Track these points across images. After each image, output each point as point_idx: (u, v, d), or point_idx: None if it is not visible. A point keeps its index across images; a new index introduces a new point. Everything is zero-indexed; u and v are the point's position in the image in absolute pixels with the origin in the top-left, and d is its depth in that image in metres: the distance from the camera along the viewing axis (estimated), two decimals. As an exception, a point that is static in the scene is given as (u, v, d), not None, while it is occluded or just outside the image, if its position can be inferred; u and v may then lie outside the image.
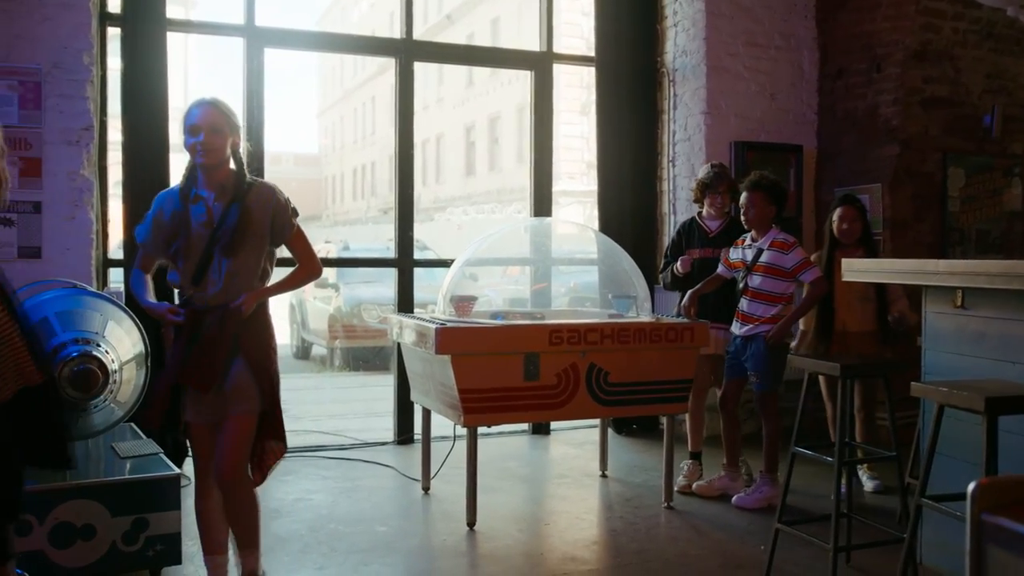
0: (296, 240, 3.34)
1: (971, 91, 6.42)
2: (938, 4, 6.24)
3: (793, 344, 5.12)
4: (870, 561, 3.93)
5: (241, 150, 3.31)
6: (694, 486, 5.09)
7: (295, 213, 3.35)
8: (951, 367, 3.65)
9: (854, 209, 5.03)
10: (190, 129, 3.17)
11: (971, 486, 1.58)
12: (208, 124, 3.16)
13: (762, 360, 4.78)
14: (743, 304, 4.87)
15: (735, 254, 4.98)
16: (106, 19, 5.37)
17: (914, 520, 3.10)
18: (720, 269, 5.02)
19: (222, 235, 3.15)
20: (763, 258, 4.80)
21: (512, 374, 4.42)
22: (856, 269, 4.12)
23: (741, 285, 4.88)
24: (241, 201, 3.19)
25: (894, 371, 3.82)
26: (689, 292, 4.94)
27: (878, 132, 6.34)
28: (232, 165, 3.28)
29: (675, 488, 4.97)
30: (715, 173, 5.30)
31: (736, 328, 4.91)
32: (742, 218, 4.88)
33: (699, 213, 5.44)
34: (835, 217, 5.05)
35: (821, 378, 5.15)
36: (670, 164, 6.72)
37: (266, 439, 3.26)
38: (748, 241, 4.93)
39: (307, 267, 3.40)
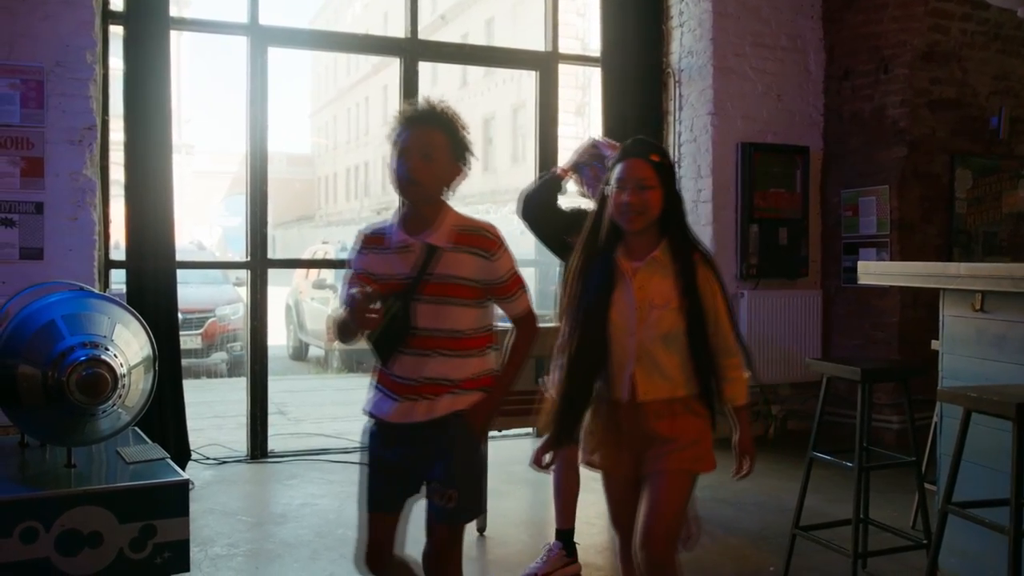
0: None
1: (978, 93, 6.39)
2: (946, 5, 6.22)
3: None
4: (884, 567, 3.89)
5: None
6: None
7: None
8: (970, 372, 3.61)
9: (648, 165, 2.54)
10: None
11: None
12: None
13: (464, 463, 2.57)
14: (401, 366, 2.56)
15: (364, 260, 2.61)
16: (108, 17, 5.30)
17: (940, 526, 3.05)
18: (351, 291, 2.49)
19: None
20: (441, 267, 2.51)
21: (524, 377, 4.35)
22: (872, 272, 4.08)
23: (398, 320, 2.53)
24: None
25: (914, 376, 3.78)
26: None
27: (885, 133, 6.30)
28: None
29: None
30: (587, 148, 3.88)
31: (392, 410, 2.57)
32: (396, 180, 2.55)
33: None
34: (613, 182, 2.58)
35: None
36: (676, 165, 6.66)
37: None
38: (397, 236, 2.58)
39: None
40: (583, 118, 24.12)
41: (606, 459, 2.64)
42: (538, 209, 3.92)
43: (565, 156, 4.51)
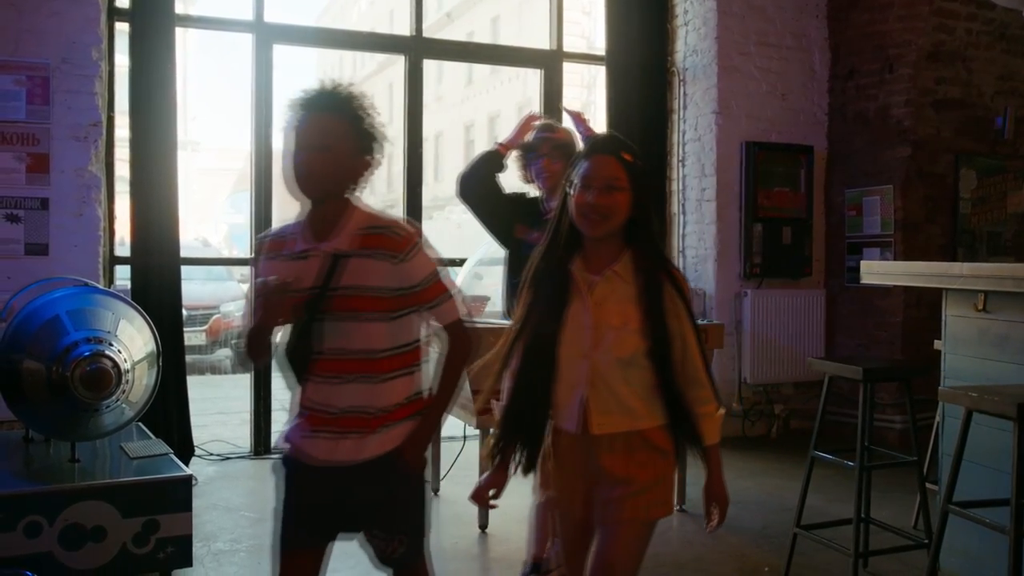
0: None
1: (983, 92, 6.39)
2: (951, 5, 6.21)
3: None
4: (885, 566, 3.89)
5: None
6: None
7: None
8: (972, 371, 3.61)
9: (618, 164, 2.25)
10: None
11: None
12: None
13: (406, 506, 2.30)
14: (314, 393, 2.24)
15: (268, 268, 2.26)
16: (114, 14, 5.31)
17: (941, 526, 3.06)
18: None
19: None
20: (347, 277, 2.17)
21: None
22: (875, 272, 4.08)
23: (305, 338, 2.23)
24: None
25: (916, 376, 3.78)
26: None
27: (889, 133, 6.30)
28: None
29: None
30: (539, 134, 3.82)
31: (311, 447, 2.25)
32: (289, 174, 2.22)
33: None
34: (577, 180, 2.26)
35: None
36: (680, 164, 6.67)
37: None
38: (299, 241, 2.24)
39: None
40: (588, 116, 24.10)
41: (559, 496, 2.33)
42: (478, 188, 3.79)
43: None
